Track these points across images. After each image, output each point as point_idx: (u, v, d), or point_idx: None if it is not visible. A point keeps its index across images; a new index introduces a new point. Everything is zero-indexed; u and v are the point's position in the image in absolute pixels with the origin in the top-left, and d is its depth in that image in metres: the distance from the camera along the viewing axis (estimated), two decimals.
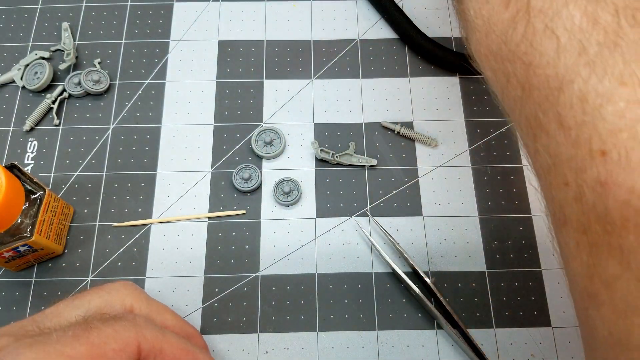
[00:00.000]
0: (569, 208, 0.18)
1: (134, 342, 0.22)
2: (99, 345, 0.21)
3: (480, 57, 0.23)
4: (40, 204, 0.31)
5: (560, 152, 0.18)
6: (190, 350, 0.25)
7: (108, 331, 0.21)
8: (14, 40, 0.40)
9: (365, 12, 0.42)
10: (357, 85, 0.39)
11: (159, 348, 0.23)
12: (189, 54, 0.40)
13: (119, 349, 0.21)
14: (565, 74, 0.18)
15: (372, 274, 0.33)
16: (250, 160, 0.36)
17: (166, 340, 0.23)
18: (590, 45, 0.18)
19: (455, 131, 0.37)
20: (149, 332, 0.23)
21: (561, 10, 0.18)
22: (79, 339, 0.20)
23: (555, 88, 0.18)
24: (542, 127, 0.19)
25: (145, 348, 0.22)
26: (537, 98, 0.19)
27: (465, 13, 0.22)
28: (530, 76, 0.19)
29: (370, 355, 0.31)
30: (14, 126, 0.37)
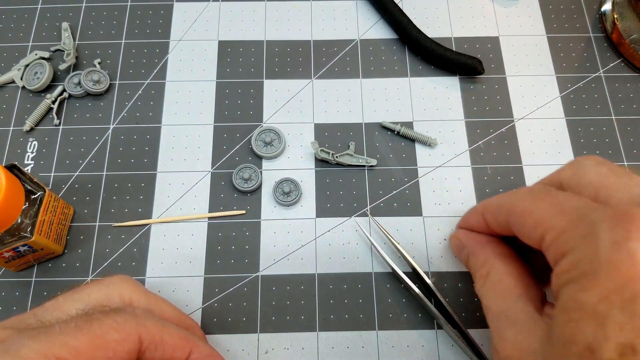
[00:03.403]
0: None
1: (135, 333, 0.22)
2: (101, 336, 0.21)
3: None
4: (40, 204, 0.31)
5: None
6: (191, 340, 0.25)
7: (109, 322, 0.22)
8: (14, 40, 0.40)
9: (365, 12, 0.42)
10: (357, 85, 0.39)
11: (159, 338, 0.23)
12: (189, 54, 0.40)
13: (121, 339, 0.21)
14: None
15: (372, 274, 0.33)
16: (250, 160, 0.37)
17: (166, 330, 0.24)
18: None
19: (455, 131, 0.37)
20: (149, 323, 0.23)
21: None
22: (81, 330, 0.21)
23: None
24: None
25: (146, 338, 0.22)
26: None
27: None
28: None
29: (370, 355, 0.31)
30: (14, 126, 0.37)
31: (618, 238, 0.19)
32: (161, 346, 0.23)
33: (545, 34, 0.41)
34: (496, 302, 0.25)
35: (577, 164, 0.25)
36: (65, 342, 0.20)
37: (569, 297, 0.20)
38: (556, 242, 0.21)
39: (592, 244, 0.20)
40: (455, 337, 0.31)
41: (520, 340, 0.23)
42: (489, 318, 0.25)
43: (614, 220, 0.20)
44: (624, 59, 0.39)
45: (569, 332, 0.20)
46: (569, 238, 0.21)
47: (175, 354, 0.24)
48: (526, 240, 0.24)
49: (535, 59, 0.40)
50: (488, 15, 0.42)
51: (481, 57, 0.39)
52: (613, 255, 0.19)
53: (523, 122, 0.38)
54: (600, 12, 0.41)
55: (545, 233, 0.22)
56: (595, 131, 0.37)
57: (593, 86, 0.39)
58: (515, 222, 0.25)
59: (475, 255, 0.28)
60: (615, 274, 0.19)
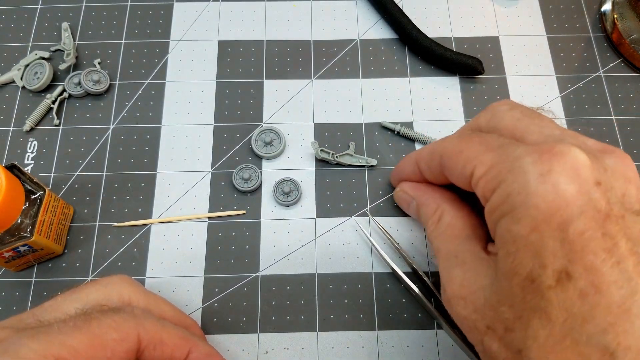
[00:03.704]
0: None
1: (134, 333, 0.22)
2: (100, 336, 0.21)
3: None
4: (40, 204, 0.31)
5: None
6: (190, 339, 0.25)
7: (108, 322, 0.22)
8: (14, 40, 0.40)
9: (365, 12, 0.42)
10: (357, 85, 0.39)
11: (158, 338, 0.23)
12: (189, 54, 0.40)
13: (120, 339, 0.21)
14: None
15: (372, 274, 0.33)
16: (250, 160, 0.37)
17: (165, 330, 0.24)
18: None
19: (455, 131, 0.37)
20: (148, 323, 0.23)
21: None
22: (80, 330, 0.21)
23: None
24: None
25: (145, 338, 0.22)
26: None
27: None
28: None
29: (370, 355, 0.31)
30: (14, 126, 0.37)
31: (542, 171, 0.20)
32: (160, 346, 0.23)
33: (545, 34, 0.41)
34: (445, 244, 0.26)
35: (493, 109, 0.26)
36: (64, 342, 0.20)
37: (503, 231, 0.21)
38: (485, 176, 0.22)
39: (518, 177, 0.21)
40: (455, 337, 0.31)
41: (467, 278, 0.24)
42: (439, 260, 0.26)
43: (536, 155, 0.21)
44: (624, 59, 0.39)
45: (509, 264, 0.21)
46: (497, 172, 0.22)
47: (175, 354, 0.24)
48: (458, 181, 0.25)
49: (535, 59, 0.40)
50: (488, 15, 0.42)
51: (481, 57, 0.39)
52: (539, 187, 0.20)
53: None
54: (600, 12, 0.41)
55: (474, 169, 0.23)
56: (595, 131, 0.37)
57: (593, 86, 0.39)
58: (447, 164, 0.26)
59: (426, 205, 0.29)
60: (543, 205, 0.20)
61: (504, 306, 0.21)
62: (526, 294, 0.20)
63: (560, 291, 0.19)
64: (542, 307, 0.20)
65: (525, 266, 0.20)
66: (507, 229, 0.21)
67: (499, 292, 0.22)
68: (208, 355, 0.25)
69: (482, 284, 0.23)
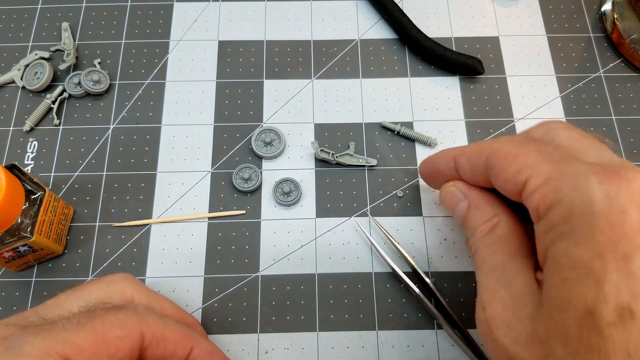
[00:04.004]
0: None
1: (137, 330, 0.22)
2: (103, 333, 0.21)
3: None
4: (40, 204, 0.31)
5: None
6: (192, 336, 0.25)
7: (111, 319, 0.22)
8: (14, 40, 0.40)
9: (365, 12, 0.42)
10: (357, 85, 0.39)
11: (161, 335, 0.23)
12: (189, 54, 0.40)
13: (123, 335, 0.21)
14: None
15: (372, 274, 0.33)
16: (250, 160, 0.37)
17: (168, 327, 0.24)
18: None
19: (455, 131, 0.37)
20: (151, 320, 0.23)
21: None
22: (83, 327, 0.21)
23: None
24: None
25: (148, 335, 0.22)
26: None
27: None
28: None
29: (370, 355, 0.31)
30: (14, 126, 0.37)
31: (610, 193, 0.19)
32: (163, 343, 0.23)
33: (545, 34, 0.41)
34: (494, 257, 0.24)
35: (547, 125, 0.25)
36: (67, 339, 0.20)
37: (561, 254, 0.19)
38: (542, 189, 0.21)
39: (583, 195, 0.19)
40: (455, 337, 0.31)
41: (514, 302, 0.21)
42: (481, 272, 0.24)
43: (603, 175, 0.19)
44: (624, 59, 0.39)
45: (565, 293, 0.19)
46: (557, 187, 0.20)
47: (177, 350, 0.24)
48: (504, 187, 0.23)
49: (535, 59, 0.40)
50: (488, 15, 0.42)
51: (481, 57, 0.39)
52: (606, 210, 0.18)
53: (523, 122, 0.38)
54: (600, 12, 0.41)
55: (529, 178, 0.21)
56: (595, 131, 0.37)
57: (593, 86, 0.39)
58: (495, 166, 0.23)
59: (480, 208, 0.26)
60: (609, 230, 0.18)
61: (556, 342, 0.19)
62: (583, 330, 0.18)
63: (622, 330, 0.17)
64: (600, 347, 0.18)
65: (584, 297, 0.18)
66: (565, 252, 0.19)
67: (549, 324, 0.19)
68: (210, 353, 0.25)
69: (529, 312, 0.21)
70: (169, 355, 0.24)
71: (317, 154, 0.36)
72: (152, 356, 0.23)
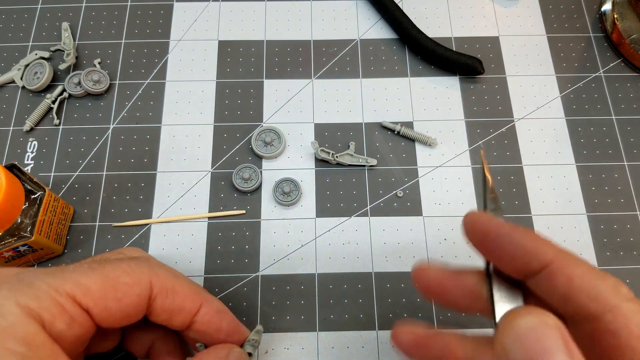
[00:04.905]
0: None
1: (146, 279, 0.22)
2: (113, 278, 0.21)
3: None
4: (40, 204, 0.31)
5: None
6: (202, 295, 0.25)
7: (122, 266, 0.22)
8: (14, 40, 0.40)
9: (365, 12, 0.42)
10: (357, 85, 0.39)
11: (171, 287, 0.23)
12: (189, 54, 0.40)
13: (132, 282, 0.22)
14: None
15: (372, 274, 0.33)
16: (250, 160, 0.36)
17: (178, 281, 0.24)
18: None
19: (455, 131, 0.37)
20: (162, 272, 0.23)
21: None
22: (93, 271, 0.21)
23: None
24: None
25: (157, 285, 0.23)
26: None
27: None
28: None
29: (370, 355, 0.31)
30: (14, 126, 0.37)
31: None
32: (172, 294, 0.23)
33: (545, 34, 0.41)
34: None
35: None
36: (77, 280, 0.20)
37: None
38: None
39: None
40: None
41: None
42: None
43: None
44: (624, 59, 0.39)
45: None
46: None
47: (186, 305, 0.24)
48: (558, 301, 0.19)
49: (535, 59, 0.40)
50: (488, 15, 0.42)
51: (481, 57, 0.39)
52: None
53: (523, 122, 0.38)
54: (600, 12, 0.41)
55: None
56: (595, 131, 0.37)
57: (593, 86, 0.39)
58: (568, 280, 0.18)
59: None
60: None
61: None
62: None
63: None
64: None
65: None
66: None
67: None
68: (219, 312, 0.25)
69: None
70: (177, 309, 0.24)
71: (317, 154, 0.36)
72: (160, 307, 0.23)
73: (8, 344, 0.17)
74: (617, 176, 0.36)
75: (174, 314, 0.24)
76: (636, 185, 0.36)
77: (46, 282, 0.20)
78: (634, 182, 0.36)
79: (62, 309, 0.19)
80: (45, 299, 0.19)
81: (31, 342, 0.18)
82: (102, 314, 0.21)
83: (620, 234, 0.34)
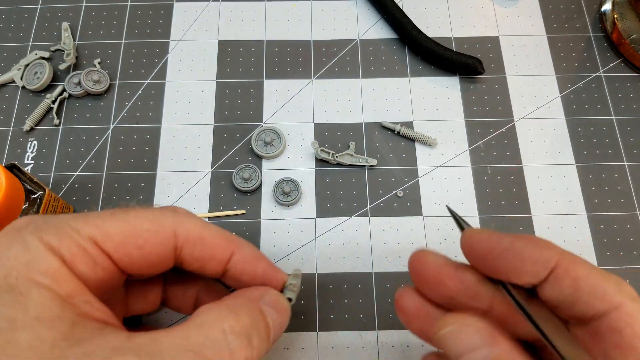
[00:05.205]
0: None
1: (169, 227, 0.22)
2: (134, 224, 0.21)
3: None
4: (40, 204, 0.31)
5: None
6: (234, 241, 0.24)
7: (146, 214, 0.22)
8: (14, 40, 0.40)
9: (365, 12, 0.42)
10: (357, 85, 0.39)
11: (198, 235, 0.22)
12: (189, 54, 0.40)
13: (153, 230, 0.21)
14: None
15: (372, 274, 0.33)
16: (250, 160, 0.37)
17: (207, 230, 0.23)
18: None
19: (455, 131, 0.37)
20: (188, 221, 0.23)
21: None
22: (115, 216, 0.21)
23: None
24: None
25: (182, 234, 0.22)
26: None
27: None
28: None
29: (370, 355, 0.31)
30: (14, 126, 0.37)
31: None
32: (200, 243, 0.22)
33: (545, 34, 0.41)
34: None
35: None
36: (98, 225, 0.20)
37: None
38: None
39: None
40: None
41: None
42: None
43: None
44: (624, 59, 0.39)
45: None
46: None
47: (216, 253, 0.23)
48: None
49: (535, 59, 0.40)
50: (488, 15, 0.42)
51: (481, 57, 0.39)
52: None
53: (523, 122, 0.38)
54: (600, 12, 0.41)
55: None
56: (595, 131, 0.37)
57: (593, 86, 0.39)
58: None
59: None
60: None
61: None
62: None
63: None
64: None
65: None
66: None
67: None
68: (253, 258, 0.24)
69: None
70: (207, 257, 0.23)
71: (317, 153, 0.36)
72: (190, 256, 0.22)
73: (33, 275, 0.18)
74: (617, 176, 0.36)
75: (205, 262, 0.23)
76: (636, 185, 0.36)
77: (69, 224, 0.20)
78: (634, 182, 0.36)
79: (83, 250, 0.19)
80: (67, 239, 0.19)
81: (55, 275, 0.18)
82: (123, 260, 0.21)
83: (620, 234, 0.34)
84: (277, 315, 0.22)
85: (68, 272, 0.19)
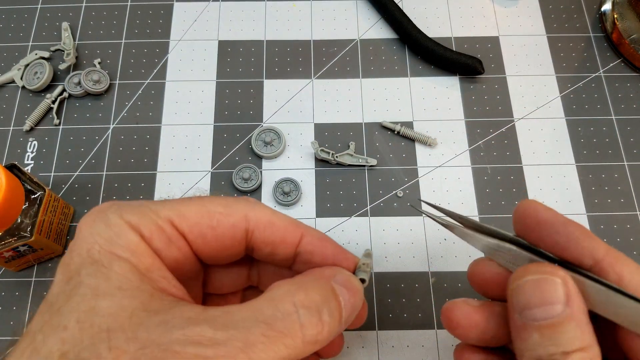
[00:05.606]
0: None
1: (241, 210, 0.23)
2: (208, 208, 0.22)
3: None
4: (40, 204, 0.31)
5: None
6: (302, 225, 0.24)
7: (219, 200, 0.23)
8: (14, 40, 0.40)
9: (365, 12, 0.42)
10: (357, 85, 0.39)
11: (268, 219, 0.23)
12: (189, 54, 0.40)
13: (226, 213, 0.22)
14: None
15: (372, 274, 0.33)
16: (250, 160, 0.37)
17: (276, 215, 0.24)
18: None
19: (455, 131, 0.37)
20: (259, 207, 0.24)
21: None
22: (191, 200, 0.22)
23: None
24: None
25: (253, 218, 0.23)
26: None
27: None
28: None
29: (370, 355, 0.31)
30: (14, 126, 0.37)
31: None
32: (270, 227, 0.23)
33: (545, 34, 0.41)
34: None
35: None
36: (176, 207, 0.21)
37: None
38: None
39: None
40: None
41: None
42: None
43: None
44: (624, 59, 0.39)
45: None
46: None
47: (287, 235, 0.24)
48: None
49: (535, 59, 0.40)
50: (488, 15, 0.42)
51: (481, 57, 0.39)
52: None
53: (523, 122, 0.38)
54: (600, 12, 0.41)
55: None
56: (595, 131, 0.37)
57: (593, 86, 0.39)
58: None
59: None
60: None
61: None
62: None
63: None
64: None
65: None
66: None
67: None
68: (321, 240, 0.25)
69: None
70: (278, 240, 0.23)
71: (317, 153, 0.36)
72: (261, 240, 0.23)
73: (114, 249, 0.19)
74: (617, 176, 0.36)
75: (275, 246, 0.23)
76: (636, 185, 0.36)
77: (148, 207, 0.21)
78: (634, 182, 0.36)
79: (160, 229, 0.20)
80: (146, 218, 0.20)
81: (134, 250, 0.19)
82: (197, 240, 0.22)
83: (620, 234, 0.34)
84: (349, 295, 0.22)
85: (147, 247, 0.20)
